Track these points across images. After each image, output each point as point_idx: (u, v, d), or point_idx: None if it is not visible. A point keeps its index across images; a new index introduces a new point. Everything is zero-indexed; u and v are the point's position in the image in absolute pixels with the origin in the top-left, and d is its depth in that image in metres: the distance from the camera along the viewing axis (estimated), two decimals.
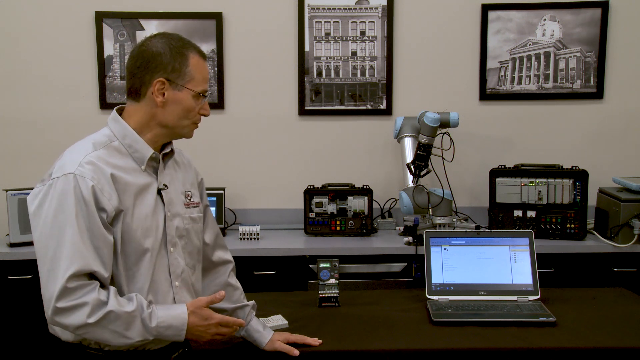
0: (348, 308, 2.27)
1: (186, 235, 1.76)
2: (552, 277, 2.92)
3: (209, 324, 1.68)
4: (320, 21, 3.39)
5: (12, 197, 2.98)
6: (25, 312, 2.95)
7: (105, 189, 1.59)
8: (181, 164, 1.85)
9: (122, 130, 1.69)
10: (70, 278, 1.52)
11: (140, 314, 1.59)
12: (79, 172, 1.58)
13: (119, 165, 1.65)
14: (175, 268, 1.72)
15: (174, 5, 3.36)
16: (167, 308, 1.65)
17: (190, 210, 1.80)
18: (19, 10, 3.34)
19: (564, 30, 3.38)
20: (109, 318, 1.55)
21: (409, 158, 3.15)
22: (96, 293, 1.54)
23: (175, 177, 1.79)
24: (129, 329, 1.57)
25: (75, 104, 3.40)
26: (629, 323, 2.12)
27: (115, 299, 1.57)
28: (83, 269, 1.54)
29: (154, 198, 1.69)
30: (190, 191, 1.82)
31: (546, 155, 3.39)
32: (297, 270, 2.97)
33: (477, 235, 2.39)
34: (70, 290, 1.52)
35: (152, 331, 1.60)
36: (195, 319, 1.66)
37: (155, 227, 1.67)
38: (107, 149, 1.66)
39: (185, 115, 1.70)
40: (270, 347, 1.91)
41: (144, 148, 1.69)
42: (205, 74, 1.71)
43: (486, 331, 2.04)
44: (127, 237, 1.63)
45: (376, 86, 3.43)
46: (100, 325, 1.55)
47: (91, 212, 1.56)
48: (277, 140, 3.46)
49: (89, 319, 1.53)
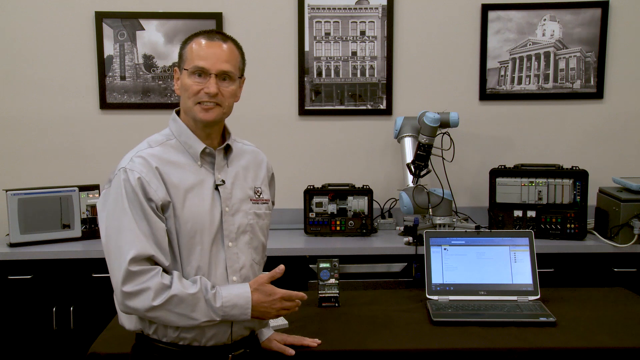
0: (348, 308, 2.27)
1: (250, 231, 1.78)
2: (552, 277, 2.92)
3: (273, 299, 1.70)
4: (320, 21, 3.39)
5: (12, 197, 2.98)
6: (25, 312, 2.96)
7: (153, 181, 1.65)
8: (254, 161, 1.86)
9: (178, 128, 1.76)
10: (131, 262, 1.59)
11: (204, 295, 1.63)
12: (129, 166, 1.66)
13: (173, 161, 1.71)
14: (234, 263, 1.73)
15: (174, 5, 3.36)
16: (230, 287, 1.69)
17: (258, 206, 1.82)
18: (19, 10, 3.34)
19: (564, 30, 3.38)
20: (173, 301, 1.61)
21: (409, 158, 3.15)
22: (159, 277, 1.61)
23: (242, 173, 1.81)
24: (194, 310, 1.62)
25: (75, 104, 3.40)
26: (629, 323, 2.12)
27: (179, 282, 1.62)
28: (142, 253, 1.60)
29: (209, 193, 1.72)
30: (260, 187, 1.84)
31: (546, 155, 3.39)
32: (297, 270, 2.96)
33: (477, 235, 2.39)
34: (133, 274, 1.59)
35: (218, 311, 1.64)
36: (259, 296, 1.68)
37: (209, 221, 1.70)
38: (163, 146, 1.73)
39: (187, 96, 1.72)
40: (266, 346, 1.93)
41: (196, 144, 1.74)
42: (201, 52, 1.70)
43: (486, 331, 2.04)
44: (178, 230, 1.67)
45: (376, 86, 3.43)
46: (166, 309, 1.60)
47: (142, 201, 1.63)
48: (277, 140, 3.46)
49: (154, 301, 1.59)
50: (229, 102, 1.74)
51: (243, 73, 1.80)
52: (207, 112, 1.71)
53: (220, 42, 1.72)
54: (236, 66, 1.75)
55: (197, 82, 1.69)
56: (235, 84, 1.75)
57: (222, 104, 1.72)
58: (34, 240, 3.00)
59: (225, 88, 1.72)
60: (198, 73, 1.69)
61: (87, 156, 3.42)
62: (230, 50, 1.73)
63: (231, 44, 1.75)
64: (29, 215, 3.00)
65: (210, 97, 1.69)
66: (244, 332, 1.77)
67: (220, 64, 1.70)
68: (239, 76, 1.76)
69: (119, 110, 3.40)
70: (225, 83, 1.72)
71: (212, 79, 1.69)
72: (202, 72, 1.69)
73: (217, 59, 1.70)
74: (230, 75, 1.72)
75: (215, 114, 1.71)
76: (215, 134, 1.78)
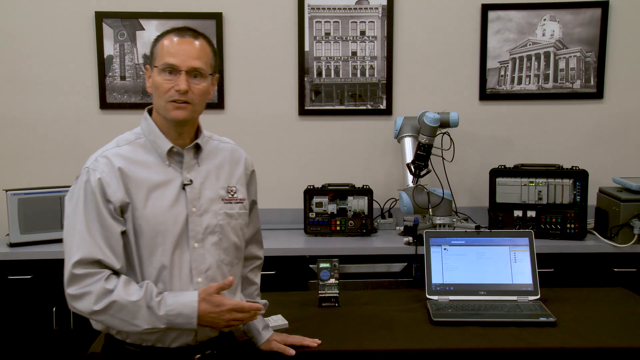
0: (348, 308, 2.27)
1: (220, 232, 1.75)
2: (552, 277, 2.92)
3: (221, 310, 1.65)
4: (320, 21, 3.39)
5: (12, 197, 2.98)
6: (25, 312, 2.96)
7: (113, 182, 1.65)
8: (230, 159, 1.83)
9: (148, 127, 1.75)
10: (75, 265, 1.60)
11: (147, 302, 1.61)
12: (92, 167, 1.68)
13: (140, 161, 1.70)
14: (199, 264, 1.71)
15: (174, 5, 3.36)
16: (177, 295, 1.65)
17: (230, 205, 1.78)
18: (19, 10, 3.34)
19: (564, 30, 3.38)
20: (114, 307, 1.60)
21: (409, 158, 3.15)
22: (102, 282, 1.60)
23: (215, 172, 1.78)
24: (135, 317, 1.61)
25: (75, 104, 3.40)
26: (629, 323, 2.12)
27: (123, 288, 1.61)
28: (86, 257, 1.60)
29: (174, 193, 1.70)
30: (234, 187, 1.80)
31: (546, 155, 3.39)
32: (297, 270, 2.96)
33: (477, 235, 2.39)
34: (77, 277, 1.60)
35: (161, 319, 1.61)
36: (206, 306, 1.64)
37: (172, 222, 1.68)
38: (131, 145, 1.73)
39: (158, 95, 1.69)
40: (266, 347, 1.92)
41: (163, 143, 1.72)
42: (171, 49, 1.68)
43: (486, 331, 2.04)
44: (139, 230, 1.66)
45: (376, 86, 3.43)
46: (108, 314, 1.61)
47: (100, 203, 1.63)
48: (277, 140, 3.46)
49: (95, 306, 1.60)
50: (200, 99, 1.71)
51: (215, 70, 1.76)
52: (178, 111, 1.68)
53: (191, 38, 1.70)
54: (207, 63, 1.71)
55: (168, 80, 1.67)
56: (207, 81, 1.71)
57: (193, 101, 1.69)
58: (34, 240, 3.00)
59: (196, 85, 1.68)
60: (168, 70, 1.67)
61: (87, 156, 3.36)
62: (201, 47, 1.70)
63: (203, 41, 1.72)
64: (29, 215, 3.00)
65: (181, 94, 1.66)
66: (210, 334, 1.74)
67: (191, 61, 1.67)
68: (210, 73, 1.73)
69: (119, 110, 3.40)
70: (196, 80, 1.69)
71: (183, 75, 1.66)
72: (172, 69, 1.67)
73: (187, 55, 1.67)
74: (201, 72, 1.69)
75: (186, 113, 1.69)
76: (187, 133, 1.75)
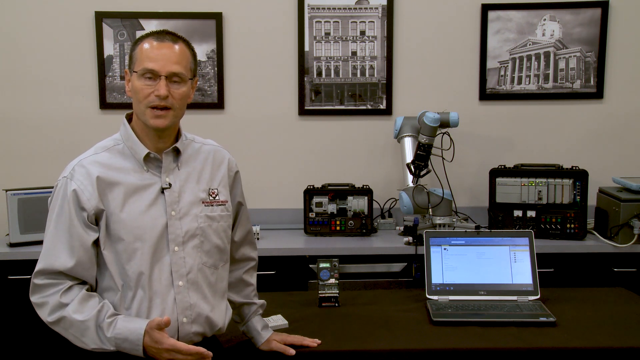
0: (348, 308, 2.27)
1: (201, 234, 1.75)
2: (552, 277, 2.92)
3: (159, 348, 1.61)
4: (320, 21, 3.39)
5: (12, 197, 2.98)
6: (25, 312, 2.95)
7: (87, 190, 1.65)
8: (212, 161, 1.83)
9: (126, 133, 1.75)
10: (37, 274, 1.65)
11: (95, 323, 1.61)
12: (69, 175, 1.68)
13: (118, 167, 1.70)
14: (180, 267, 1.71)
15: (174, 5, 3.36)
16: (129, 320, 1.64)
17: (212, 208, 1.78)
18: (19, 10, 3.34)
19: (564, 30, 3.38)
20: (65, 322, 1.63)
21: (409, 158, 3.15)
22: (58, 295, 1.62)
23: (195, 175, 1.78)
24: (84, 335, 1.62)
25: (75, 104, 3.40)
26: (629, 323, 2.12)
27: (77, 304, 1.62)
28: (47, 268, 1.64)
29: (153, 197, 1.70)
30: (216, 189, 1.80)
31: (546, 155, 3.39)
32: (297, 270, 2.96)
33: (477, 235, 2.39)
34: (37, 287, 1.65)
35: (110, 341, 1.61)
36: (148, 340, 1.61)
37: (150, 226, 1.68)
38: (109, 152, 1.73)
39: (138, 100, 1.68)
40: (266, 347, 1.92)
41: (140, 149, 1.72)
42: (151, 53, 1.67)
43: (486, 331, 2.04)
44: (116, 236, 1.66)
45: (376, 86, 3.43)
46: (60, 327, 1.64)
47: (72, 213, 1.64)
48: (277, 140, 3.46)
49: (48, 317, 1.63)
50: (180, 104, 1.70)
51: (195, 74, 1.76)
52: (158, 119, 1.67)
53: (171, 42, 1.69)
54: (187, 67, 1.71)
55: (148, 85, 1.66)
56: (187, 85, 1.71)
57: (173, 106, 1.68)
58: (34, 240, 2.99)
59: (176, 90, 1.68)
60: (148, 75, 1.66)
61: None
62: (181, 51, 1.69)
63: (182, 45, 1.71)
64: (29, 215, 3.00)
65: (161, 99, 1.65)
66: (193, 338, 1.73)
67: (170, 66, 1.66)
68: (190, 77, 1.72)
69: (119, 110, 3.40)
70: (175, 85, 1.68)
71: (162, 81, 1.66)
72: (152, 75, 1.66)
73: (167, 60, 1.66)
74: (181, 77, 1.69)
75: (167, 121, 1.69)
76: (167, 137, 1.75)
